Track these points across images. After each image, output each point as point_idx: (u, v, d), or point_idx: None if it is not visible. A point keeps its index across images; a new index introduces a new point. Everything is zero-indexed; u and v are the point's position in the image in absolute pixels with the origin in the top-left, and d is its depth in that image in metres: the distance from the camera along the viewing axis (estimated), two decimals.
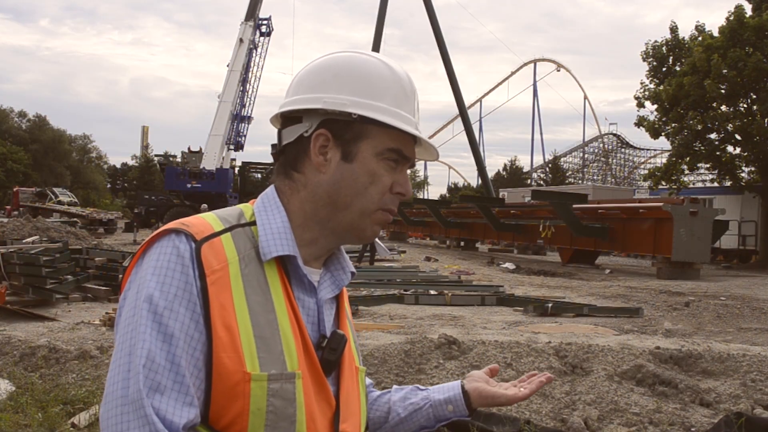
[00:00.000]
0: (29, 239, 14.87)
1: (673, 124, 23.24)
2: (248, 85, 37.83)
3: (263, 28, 38.19)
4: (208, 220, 1.03)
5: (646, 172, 31.38)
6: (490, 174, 52.34)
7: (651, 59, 24.87)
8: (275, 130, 1.13)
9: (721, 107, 22.81)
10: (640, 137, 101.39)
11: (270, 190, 1.10)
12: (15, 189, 39.10)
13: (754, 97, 22.01)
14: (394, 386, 1.34)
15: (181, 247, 0.96)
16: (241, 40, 36.11)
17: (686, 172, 25.22)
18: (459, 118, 38.54)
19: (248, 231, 1.04)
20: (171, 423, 0.88)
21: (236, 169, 38.30)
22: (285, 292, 1.02)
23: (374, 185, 1.06)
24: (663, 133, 23.93)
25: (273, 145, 1.12)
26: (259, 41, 38.18)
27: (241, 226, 1.04)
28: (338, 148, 1.05)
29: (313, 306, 1.06)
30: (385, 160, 1.06)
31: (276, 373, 0.95)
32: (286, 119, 1.10)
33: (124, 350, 0.92)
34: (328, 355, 1.04)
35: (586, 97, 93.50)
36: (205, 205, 24.11)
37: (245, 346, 0.94)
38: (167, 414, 0.88)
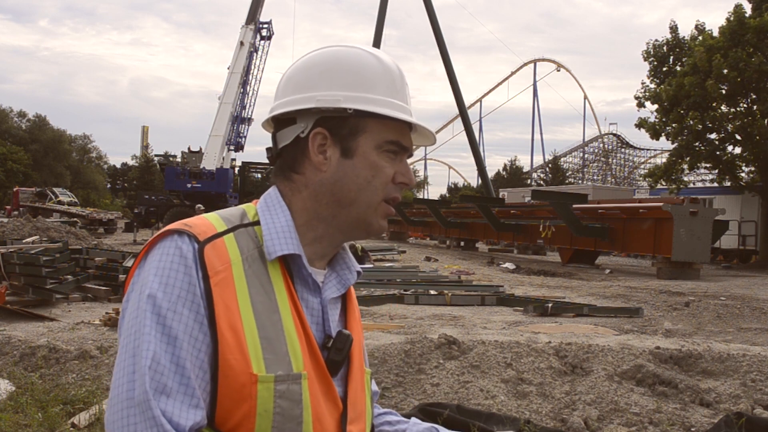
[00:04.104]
0: (29, 239, 14.86)
1: (674, 125, 23.23)
2: (248, 87, 37.96)
3: (264, 32, 38.28)
4: (210, 220, 1.02)
5: (646, 171, 31.38)
6: (490, 174, 52.40)
7: (652, 59, 24.86)
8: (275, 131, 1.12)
9: (722, 107, 22.80)
10: (640, 137, 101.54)
11: (273, 190, 1.09)
12: (15, 189, 39.12)
13: (755, 97, 22.00)
14: (413, 419, 1.27)
15: (183, 248, 0.95)
16: (241, 43, 36.17)
17: (686, 171, 25.21)
18: (459, 118, 38.49)
19: (251, 231, 1.02)
20: (178, 425, 0.88)
21: (236, 170, 38.33)
22: (288, 292, 1.00)
23: (377, 178, 1.05)
24: (663, 134, 23.91)
25: (268, 149, 1.11)
26: (259, 44, 38.27)
27: (244, 226, 1.03)
28: (337, 145, 1.04)
29: (317, 306, 1.05)
30: (384, 152, 1.05)
31: (282, 374, 0.94)
32: (278, 122, 1.08)
33: (128, 352, 0.91)
34: (333, 355, 1.02)
35: (586, 97, 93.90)
36: (200, 206, 24.00)
37: (251, 347, 0.93)
38: (173, 416, 0.88)
